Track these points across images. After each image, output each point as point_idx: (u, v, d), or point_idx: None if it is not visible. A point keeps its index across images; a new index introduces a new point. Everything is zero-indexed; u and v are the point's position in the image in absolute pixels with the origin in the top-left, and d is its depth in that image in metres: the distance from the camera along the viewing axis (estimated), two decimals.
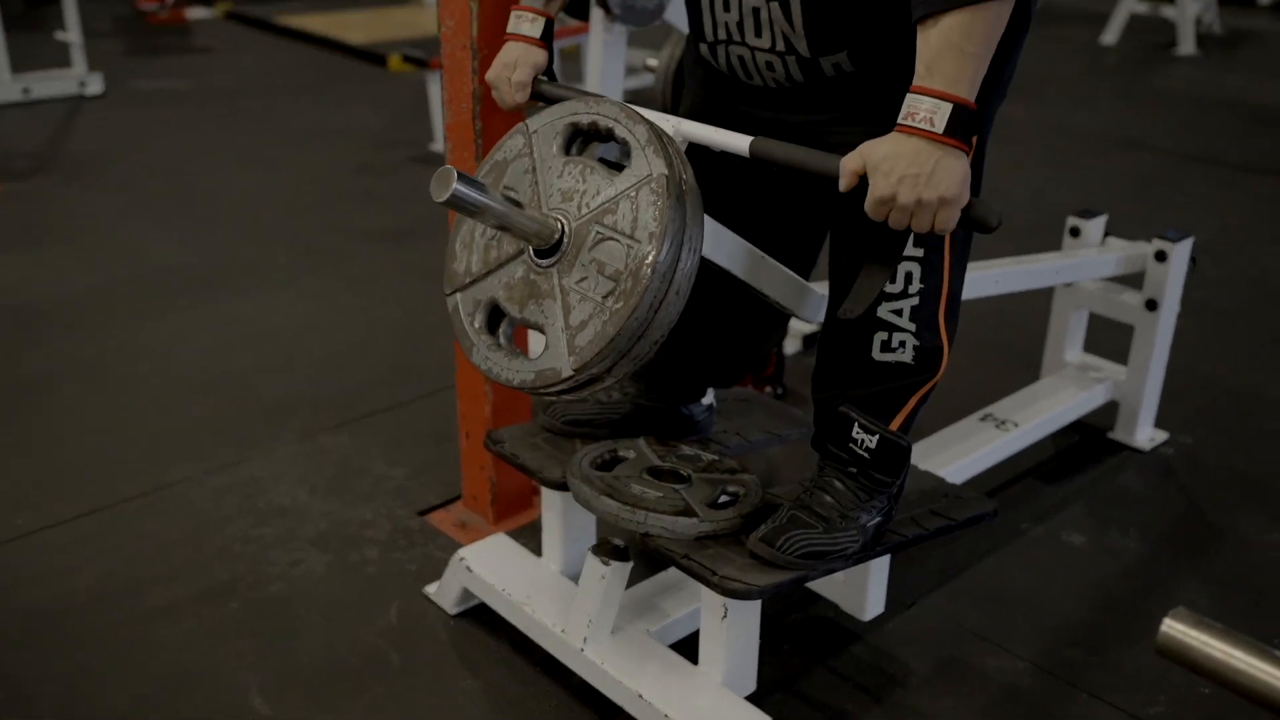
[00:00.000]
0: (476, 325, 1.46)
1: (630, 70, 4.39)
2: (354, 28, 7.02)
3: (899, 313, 1.56)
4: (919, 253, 1.55)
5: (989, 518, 1.80)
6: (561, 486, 1.71)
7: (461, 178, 1.27)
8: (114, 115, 5.21)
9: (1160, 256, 2.44)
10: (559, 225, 1.38)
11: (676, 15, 2.72)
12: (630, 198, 1.34)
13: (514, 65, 1.66)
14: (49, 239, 3.71)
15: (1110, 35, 7.09)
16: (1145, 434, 2.57)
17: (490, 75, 1.68)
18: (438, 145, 4.69)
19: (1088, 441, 2.57)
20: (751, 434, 1.97)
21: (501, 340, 1.45)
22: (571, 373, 1.34)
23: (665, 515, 1.57)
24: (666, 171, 1.33)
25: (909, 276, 1.56)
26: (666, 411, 1.88)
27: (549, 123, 1.47)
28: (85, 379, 2.78)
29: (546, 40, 1.67)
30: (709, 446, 1.85)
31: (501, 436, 1.84)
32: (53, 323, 3.09)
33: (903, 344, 1.58)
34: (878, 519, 1.64)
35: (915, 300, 1.56)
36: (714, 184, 1.60)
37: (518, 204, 1.42)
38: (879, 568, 1.87)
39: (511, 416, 2.11)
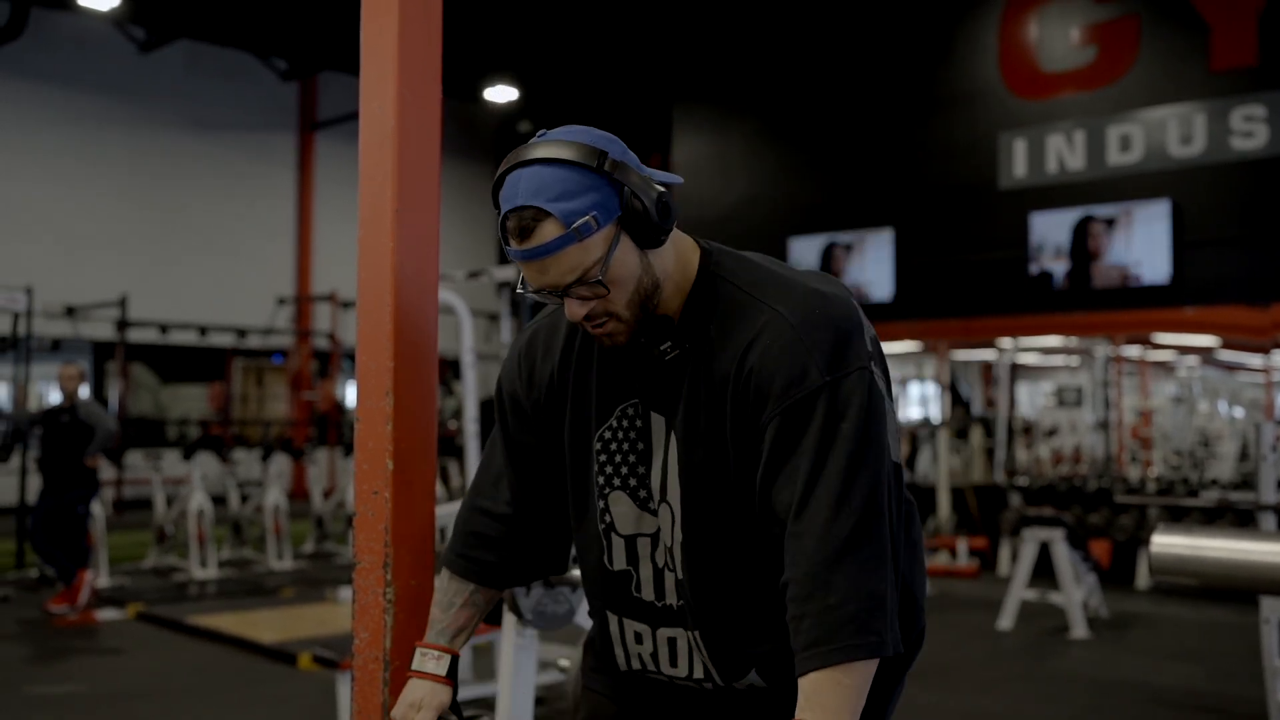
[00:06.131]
0: None
1: (542, 665, 4.41)
2: (265, 626, 7.02)
3: None
4: None
5: None
6: None
7: None
8: None
9: None
10: None
11: (586, 618, 2.81)
12: None
13: (419, 705, 1.68)
14: None
15: (1005, 621, 7.38)
16: None
17: (395, 714, 1.70)
18: None
19: None
20: None
21: None
22: None
23: None
24: None
25: None
26: None
27: None
28: None
29: (451, 677, 1.71)
30: None
31: None
32: None
33: None
34: None
35: None
36: None
37: None
38: None
39: None
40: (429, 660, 1.72)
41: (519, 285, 1.55)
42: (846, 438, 1.44)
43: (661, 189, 1.52)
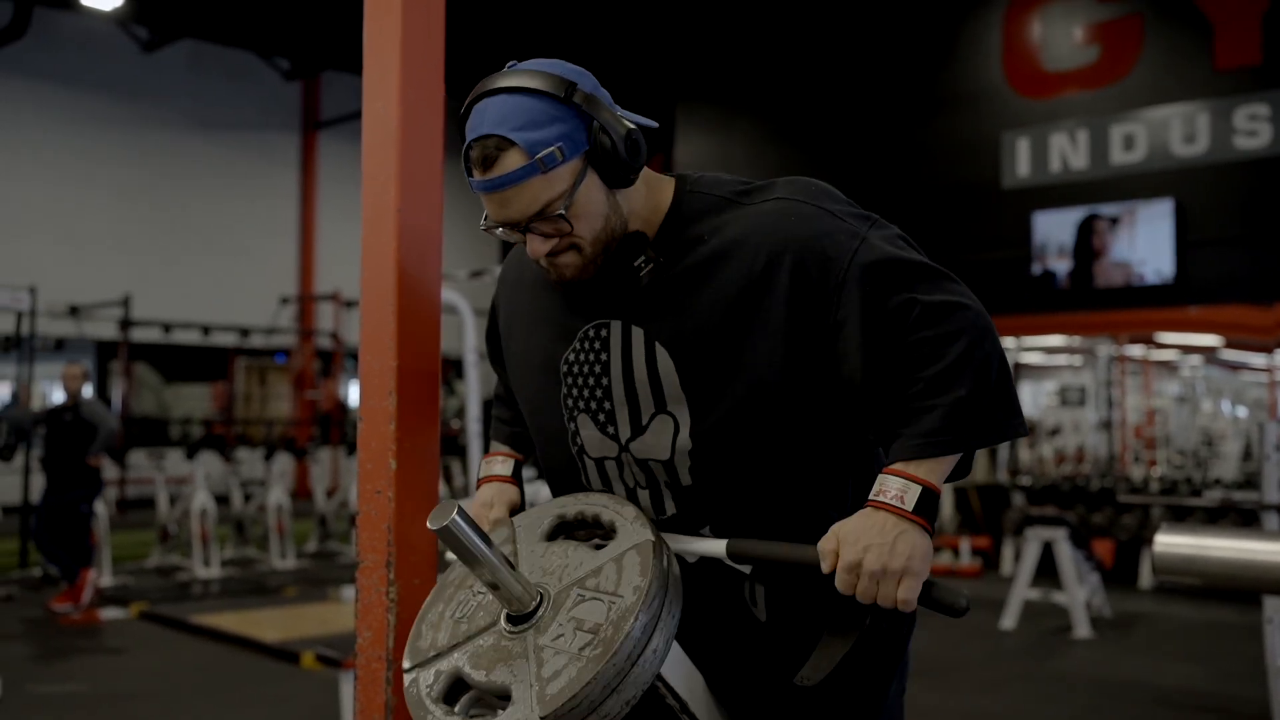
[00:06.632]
0: (434, 695, 1.40)
1: None
2: (268, 625, 7.03)
3: None
4: None
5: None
6: None
7: (462, 513, 1.29)
8: None
9: None
10: (539, 592, 1.39)
11: None
12: (615, 561, 1.36)
13: (490, 504, 1.72)
14: None
15: (1008, 620, 7.38)
16: None
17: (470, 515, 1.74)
18: None
19: None
20: None
21: (458, 711, 1.38)
22: None
23: None
24: (653, 539, 1.36)
25: None
26: None
27: (535, 518, 1.51)
28: None
29: (517, 479, 1.77)
30: None
31: None
32: None
33: None
34: None
35: None
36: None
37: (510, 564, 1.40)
38: None
39: None
40: (495, 464, 1.78)
41: (482, 221, 1.51)
42: (920, 267, 1.49)
43: (632, 127, 1.48)
